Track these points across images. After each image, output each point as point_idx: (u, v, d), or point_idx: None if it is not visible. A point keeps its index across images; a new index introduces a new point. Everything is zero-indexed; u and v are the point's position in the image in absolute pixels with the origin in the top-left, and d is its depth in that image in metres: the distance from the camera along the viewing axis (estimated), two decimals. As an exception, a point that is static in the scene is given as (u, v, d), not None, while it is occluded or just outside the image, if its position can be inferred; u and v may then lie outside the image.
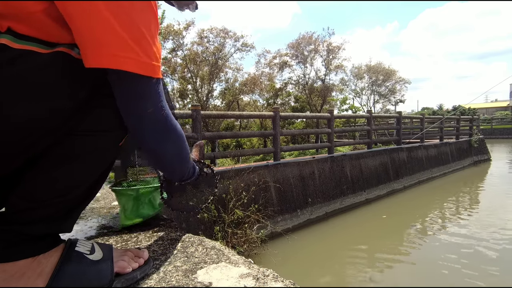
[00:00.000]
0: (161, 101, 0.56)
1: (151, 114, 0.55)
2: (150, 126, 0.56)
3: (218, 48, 11.66)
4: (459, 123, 11.91)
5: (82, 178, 0.54)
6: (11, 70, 0.42)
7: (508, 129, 26.36)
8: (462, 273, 3.52)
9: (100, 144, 0.54)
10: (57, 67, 0.45)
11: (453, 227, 5.08)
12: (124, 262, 0.61)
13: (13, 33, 0.42)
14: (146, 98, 0.53)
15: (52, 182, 0.50)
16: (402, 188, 7.69)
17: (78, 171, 0.53)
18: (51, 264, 0.52)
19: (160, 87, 0.55)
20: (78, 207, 0.57)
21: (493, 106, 43.94)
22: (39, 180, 0.50)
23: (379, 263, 3.90)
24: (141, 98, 0.53)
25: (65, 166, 0.51)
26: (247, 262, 0.70)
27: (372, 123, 7.77)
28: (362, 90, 19.25)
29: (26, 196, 0.50)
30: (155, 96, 0.54)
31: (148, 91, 0.52)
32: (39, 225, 0.51)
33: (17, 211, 0.50)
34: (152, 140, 0.59)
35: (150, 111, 0.54)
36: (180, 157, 0.69)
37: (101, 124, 0.53)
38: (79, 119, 0.51)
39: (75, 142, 0.51)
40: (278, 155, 5.24)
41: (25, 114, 0.43)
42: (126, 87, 0.51)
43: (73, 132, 0.51)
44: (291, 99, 15.69)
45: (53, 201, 0.51)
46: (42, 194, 0.50)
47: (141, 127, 0.56)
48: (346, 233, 5.04)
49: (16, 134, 0.44)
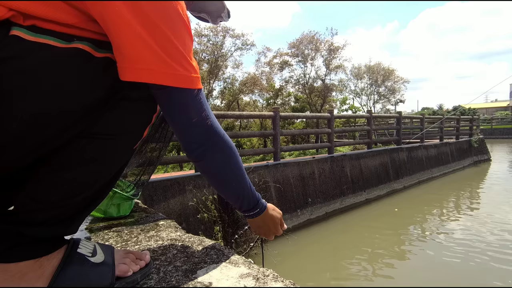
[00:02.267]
0: (205, 110, 0.59)
1: (196, 124, 0.58)
2: (197, 135, 0.60)
3: (218, 47, 11.66)
4: (459, 123, 11.91)
5: (93, 181, 0.53)
6: (22, 63, 0.40)
7: (508, 129, 26.35)
8: (462, 273, 3.52)
9: (114, 147, 0.53)
10: (72, 64, 0.44)
11: (453, 227, 5.08)
12: (125, 265, 0.61)
13: (30, 26, 0.41)
14: (189, 109, 0.56)
15: (62, 184, 0.49)
16: (402, 188, 7.69)
17: (90, 173, 0.51)
18: (52, 266, 0.52)
19: (201, 96, 0.58)
20: (86, 210, 0.56)
21: (493, 106, 43.99)
22: (49, 181, 0.49)
23: (379, 263, 3.90)
24: (184, 109, 0.56)
25: (77, 169, 0.50)
26: (247, 262, 0.70)
27: (372, 123, 7.77)
28: (362, 90, 19.27)
29: (34, 197, 0.48)
30: (198, 105, 0.57)
31: (190, 102, 0.56)
32: (44, 227, 0.50)
33: (24, 212, 0.49)
34: (200, 149, 0.62)
35: (195, 120, 0.57)
36: (230, 169, 0.67)
37: (118, 127, 0.52)
38: (94, 120, 0.49)
39: (89, 144, 0.50)
40: (278, 155, 5.24)
41: (33, 111, 0.42)
42: (167, 99, 0.54)
43: (87, 134, 0.49)
44: (291, 99, 15.70)
45: (62, 203, 0.50)
46: (51, 195, 0.49)
47: (189, 136, 0.60)
48: (346, 233, 5.04)
49: (22, 131, 0.42)
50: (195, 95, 0.56)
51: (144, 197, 3.52)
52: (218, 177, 0.69)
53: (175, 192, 3.86)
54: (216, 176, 0.68)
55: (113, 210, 1.05)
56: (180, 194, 3.90)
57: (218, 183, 0.71)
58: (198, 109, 0.57)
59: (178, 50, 0.50)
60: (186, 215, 3.84)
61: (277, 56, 14.09)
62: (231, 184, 0.70)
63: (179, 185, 3.93)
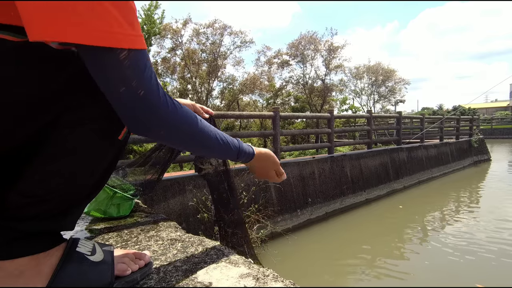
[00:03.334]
0: (138, 78, 0.47)
1: (125, 94, 0.46)
2: (129, 109, 0.49)
3: (216, 45, 11.63)
4: (459, 123, 11.91)
5: (78, 173, 0.51)
6: None
7: (508, 129, 26.36)
8: (462, 273, 3.52)
9: (92, 136, 0.50)
10: (25, 56, 0.43)
11: (453, 227, 5.08)
12: (125, 264, 0.61)
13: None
14: (113, 74, 0.45)
15: (48, 177, 0.48)
16: (402, 188, 7.69)
17: (75, 165, 0.50)
18: (51, 263, 0.51)
19: (135, 60, 0.46)
20: (78, 204, 0.56)
21: (493, 106, 44.00)
22: (34, 175, 0.48)
23: (380, 263, 3.90)
24: (107, 74, 0.45)
25: (60, 160, 0.49)
26: (247, 262, 0.70)
27: (372, 123, 7.77)
28: (361, 90, 19.27)
29: (21, 192, 0.48)
30: (127, 71, 0.45)
31: (113, 65, 0.45)
32: (35, 222, 0.49)
33: (13, 207, 0.48)
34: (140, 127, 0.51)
35: (122, 90, 0.46)
36: (183, 141, 0.59)
37: (87, 113, 0.49)
38: (61, 109, 0.47)
39: (71, 134, 0.48)
40: (278, 155, 5.24)
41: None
42: (91, 62, 0.45)
43: (60, 124, 0.48)
44: (291, 99, 15.70)
45: (49, 196, 0.49)
46: (37, 189, 0.48)
47: (120, 110, 0.48)
48: (346, 233, 5.04)
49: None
50: (121, 57, 0.44)
51: (144, 197, 3.52)
52: (177, 147, 0.64)
53: (175, 192, 3.86)
54: (174, 146, 0.63)
55: (113, 210, 1.06)
56: (180, 194, 3.90)
57: (183, 149, 0.67)
58: (127, 75, 0.45)
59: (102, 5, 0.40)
60: (186, 215, 3.84)
61: (277, 56, 14.10)
62: (196, 151, 0.66)
63: (179, 185, 3.93)
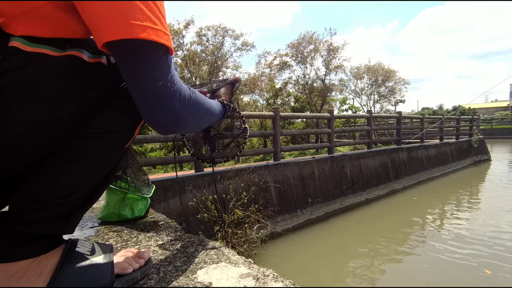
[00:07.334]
0: (172, 73, 0.49)
1: (162, 89, 0.48)
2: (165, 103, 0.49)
3: (217, 47, 11.66)
4: (459, 123, 11.90)
5: (87, 180, 0.54)
6: (22, 74, 0.42)
7: (508, 129, 26.35)
8: (463, 272, 3.52)
9: (106, 146, 0.54)
10: (67, 71, 0.45)
11: (454, 226, 5.08)
12: (124, 263, 0.61)
13: (25, 36, 0.42)
14: (154, 70, 0.47)
15: (57, 183, 0.50)
16: (402, 188, 7.69)
17: (83, 172, 0.53)
18: (51, 264, 0.52)
19: (169, 58, 0.49)
20: (81, 208, 0.57)
21: (493, 106, 43.97)
22: (43, 180, 0.50)
23: (379, 263, 3.90)
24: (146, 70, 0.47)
25: (70, 167, 0.51)
26: (247, 262, 0.70)
27: (372, 123, 7.77)
28: (362, 90, 19.26)
29: (29, 196, 0.50)
30: (165, 67, 0.48)
31: (156, 62, 0.47)
32: (41, 226, 0.51)
33: (20, 211, 0.50)
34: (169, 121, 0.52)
35: (161, 84, 0.47)
36: (199, 125, 0.69)
37: (109, 126, 0.53)
38: (87, 121, 0.51)
39: (82, 143, 0.51)
40: (278, 155, 5.24)
41: (34, 118, 0.43)
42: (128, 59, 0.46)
43: (80, 134, 0.51)
44: (291, 99, 15.70)
45: (57, 201, 0.51)
46: (46, 194, 0.50)
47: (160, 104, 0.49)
48: (346, 233, 5.03)
49: (23, 138, 0.44)
50: (162, 55, 0.46)
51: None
52: (201, 127, 0.72)
53: (175, 192, 3.86)
54: (197, 127, 0.71)
55: (128, 212, 1.03)
56: (180, 194, 3.90)
57: (205, 126, 0.75)
58: (165, 71, 0.47)
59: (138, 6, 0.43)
60: (186, 215, 3.84)
61: (277, 57, 14.10)
62: (210, 121, 0.73)
63: (179, 185, 3.93)
